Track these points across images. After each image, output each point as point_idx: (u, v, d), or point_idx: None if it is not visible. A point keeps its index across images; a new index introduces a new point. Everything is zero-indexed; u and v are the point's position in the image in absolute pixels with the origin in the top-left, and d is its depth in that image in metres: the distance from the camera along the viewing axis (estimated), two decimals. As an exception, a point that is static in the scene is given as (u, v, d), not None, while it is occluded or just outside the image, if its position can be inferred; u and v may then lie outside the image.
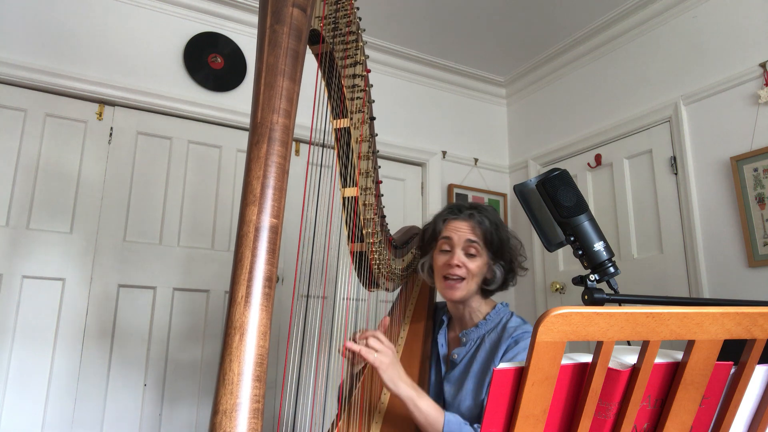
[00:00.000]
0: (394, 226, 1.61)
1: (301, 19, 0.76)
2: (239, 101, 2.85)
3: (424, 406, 1.15)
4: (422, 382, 1.34)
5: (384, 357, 1.15)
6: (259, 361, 0.60)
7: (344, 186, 1.27)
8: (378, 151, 1.36)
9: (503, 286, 1.45)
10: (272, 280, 0.64)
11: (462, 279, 1.38)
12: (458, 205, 1.47)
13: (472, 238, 1.39)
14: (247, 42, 2.91)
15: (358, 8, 1.16)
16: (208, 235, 2.73)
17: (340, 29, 1.13)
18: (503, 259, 1.42)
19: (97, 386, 2.35)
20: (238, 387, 0.58)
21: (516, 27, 3.14)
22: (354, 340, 1.26)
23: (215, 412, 0.58)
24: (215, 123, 2.82)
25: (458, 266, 1.37)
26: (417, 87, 3.49)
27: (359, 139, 1.25)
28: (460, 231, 1.40)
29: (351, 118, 1.23)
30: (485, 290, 1.45)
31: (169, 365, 2.52)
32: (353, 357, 1.33)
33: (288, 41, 0.73)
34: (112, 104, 2.60)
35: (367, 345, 1.17)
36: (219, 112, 2.79)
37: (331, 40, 1.13)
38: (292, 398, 1.17)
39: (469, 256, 1.39)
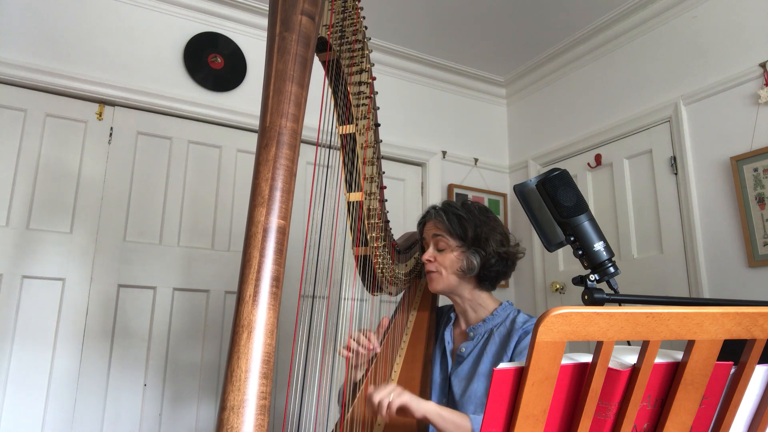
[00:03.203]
0: (395, 225, 1.62)
1: (310, 26, 0.77)
2: (239, 101, 2.84)
3: (447, 414, 1.18)
4: (425, 385, 1.35)
5: (393, 398, 1.14)
6: (266, 358, 0.61)
7: (349, 191, 1.28)
8: (381, 156, 1.37)
9: (488, 273, 1.43)
10: (279, 280, 0.65)
11: (435, 272, 1.46)
12: (428, 208, 1.55)
13: (436, 233, 1.47)
14: (247, 42, 2.91)
15: (364, 17, 1.18)
16: (208, 235, 2.73)
17: (347, 37, 1.15)
18: (480, 246, 1.43)
19: (97, 386, 2.35)
20: (245, 384, 0.59)
21: (516, 27, 3.14)
22: (355, 341, 1.29)
23: (223, 408, 0.58)
24: (215, 123, 2.82)
25: (429, 261, 1.46)
26: (417, 87, 3.49)
27: (364, 145, 1.27)
28: (428, 230, 1.51)
29: (356, 125, 1.24)
30: (480, 281, 1.46)
31: (169, 365, 2.52)
32: (356, 362, 1.36)
33: (296, 48, 0.75)
34: (112, 104, 2.60)
35: (373, 401, 1.15)
36: (219, 112, 2.79)
37: (338, 48, 1.15)
38: (298, 395, 1.17)
39: (440, 251, 1.46)
